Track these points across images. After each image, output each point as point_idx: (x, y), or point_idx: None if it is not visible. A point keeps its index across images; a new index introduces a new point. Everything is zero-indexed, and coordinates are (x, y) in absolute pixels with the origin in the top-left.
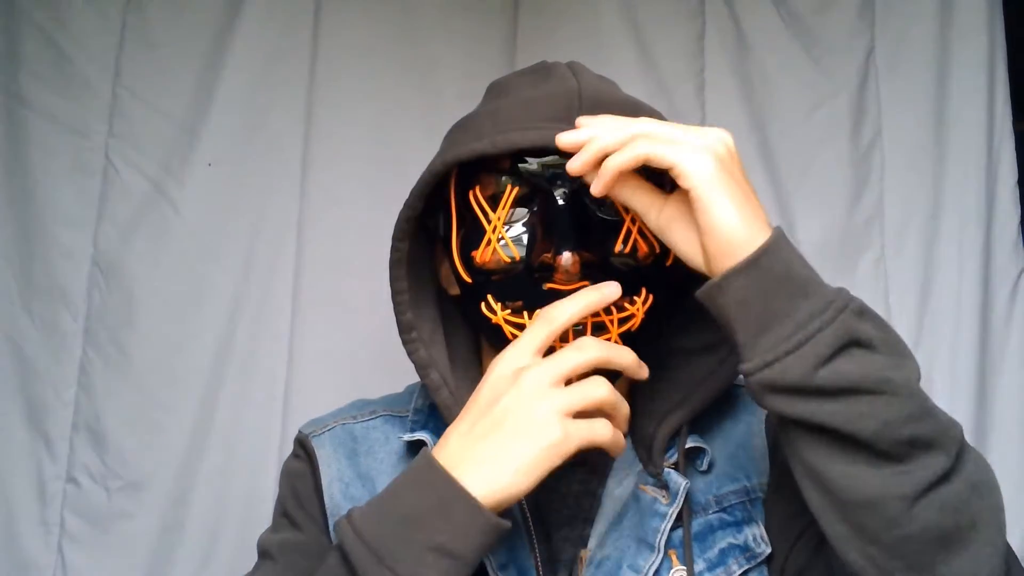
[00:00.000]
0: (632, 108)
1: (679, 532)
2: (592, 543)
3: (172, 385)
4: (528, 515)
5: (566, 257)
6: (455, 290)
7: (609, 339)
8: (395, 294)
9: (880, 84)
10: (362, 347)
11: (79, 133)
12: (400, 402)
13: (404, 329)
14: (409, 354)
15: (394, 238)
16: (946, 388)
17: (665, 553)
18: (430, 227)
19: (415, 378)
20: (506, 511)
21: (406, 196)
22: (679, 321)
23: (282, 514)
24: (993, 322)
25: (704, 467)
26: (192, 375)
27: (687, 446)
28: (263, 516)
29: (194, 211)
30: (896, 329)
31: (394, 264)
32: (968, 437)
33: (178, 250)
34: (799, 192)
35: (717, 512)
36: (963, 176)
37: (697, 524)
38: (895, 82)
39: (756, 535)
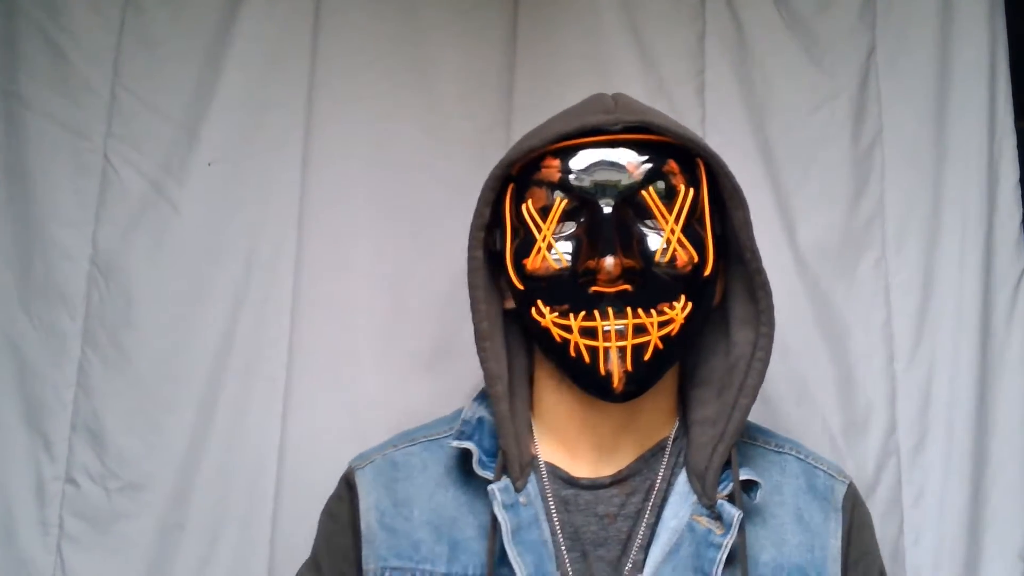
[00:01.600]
0: (671, 120)
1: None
2: (648, 571)
3: (172, 385)
4: (560, 533)
5: (609, 260)
6: (511, 303)
7: (649, 341)
8: (474, 302)
9: (881, 84)
10: (362, 347)
11: (78, 133)
12: (443, 423)
13: (481, 337)
14: (482, 362)
15: (469, 248)
16: (947, 388)
17: None
18: (489, 245)
19: (415, 379)
20: (535, 527)
21: (407, 195)
22: (706, 349)
23: (314, 552)
24: (994, 321)
25: (757, 499)
26: (192, 375)
27: (741, 478)
28: (263, 516)
29: (194, 211)
30: (897, 329)
31: (472, 272)
32: (969, 438)
33: (178, 250)
34: (799, 192)
35: None
36: (964, 175)
37: None
38: (896, 82)
39: None
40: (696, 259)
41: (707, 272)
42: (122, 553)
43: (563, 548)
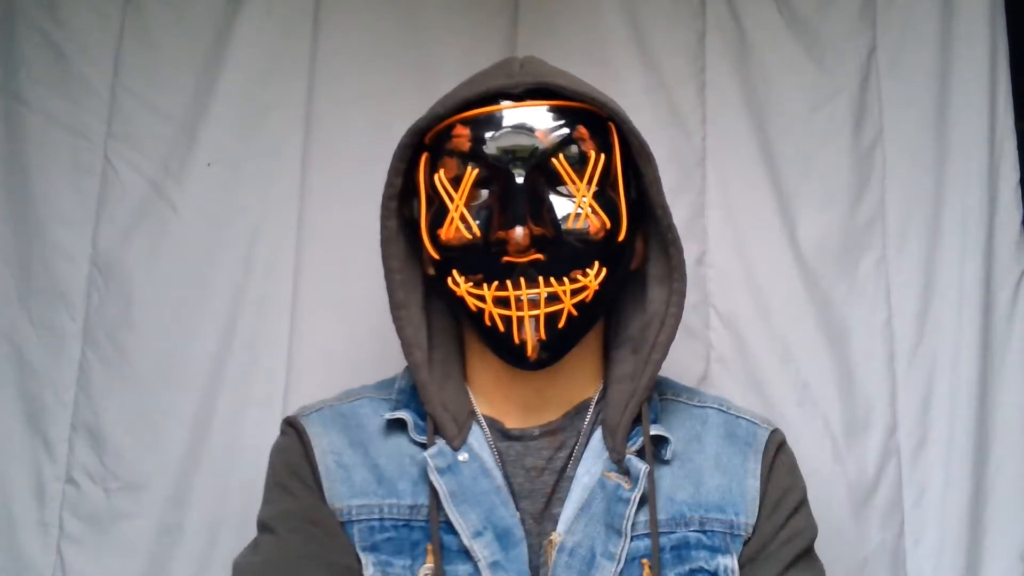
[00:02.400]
0: (578, 82)
1: (648, 539)
2: (561, 527)
3: (171, 386)
4: (509, 480)
5: (518, 231)
6: (431, 271)
7: (562, 309)
8: (388, 272)
9: (881, 83)
10: (362, 347)
11: (78, 133)
12: (385, 387)
13: (396, 306)
14: (398, 331)
15: (381, 217)
16: (947, 388)
17: (631, 538)
18: (405, 214)
19: None
20: (482, 478)
21: None
22: (626, 310)
23: (275, 486)
24: (995, 322)
25: (668, 456)
26: (191, 376)
27: (651, 434)
28: None
29: (193, 211)
30: (898, 329)
31: (384, 242)
32: (969, 438)
33: (177, 250)
34: (800, 192)
35: (697, 531)
36: (965, 175)
37: (677, 537)
38: (896, 81)
39: (727, 567)
40: (609, 225)
41: (621, 237)
42: (122, 553)
43: (514, 493)
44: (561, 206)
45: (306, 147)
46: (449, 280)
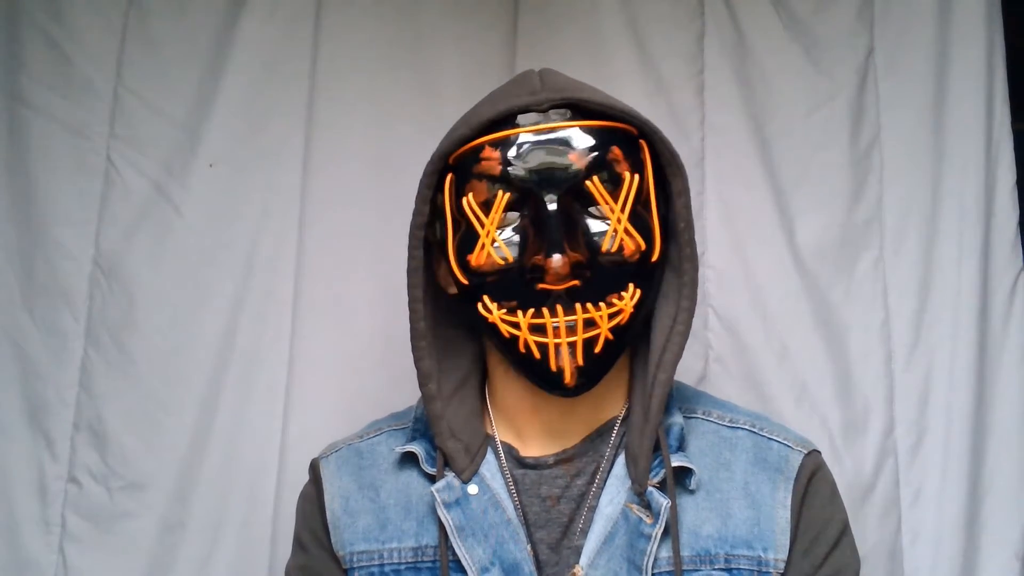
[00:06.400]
0: (603, 95)
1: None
2: (584, 561)
3: (173, 385)
4: (524, 513)
5: (556, 259)
6: (453, 290)
7: (599, 334)
8: (412, 301)
9: (879, 85)
10: (363, 348)
11: (80, 134)
12: (406, 415)
13: (417, 336)
14: (416, 361)
15: (409, 247)
16: (944, 388)
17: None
18: (428, 236)
19: (415, 379)
20: (492, 510)
21: (407, 197)
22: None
23: (295, 538)
24: (992, 322)
25: (693, 486)
26: (193, 375)
27: (674, 465)
28: (264, 516)
29: (195, 212)
30: (895, 329)
31: (412, 272)
32: (967, 437)
33: (179, 251)
34: (798, 192)
35: (723, 570)
36: (962, 176)
37: (701, 575)
38: (894, 83)
39: None
40: (643, 246)
41: (655, 257)
42: (124, 552)
43: (529, 527)
44: (595, 230)
45: (307, 148)
46: (480, 306)
